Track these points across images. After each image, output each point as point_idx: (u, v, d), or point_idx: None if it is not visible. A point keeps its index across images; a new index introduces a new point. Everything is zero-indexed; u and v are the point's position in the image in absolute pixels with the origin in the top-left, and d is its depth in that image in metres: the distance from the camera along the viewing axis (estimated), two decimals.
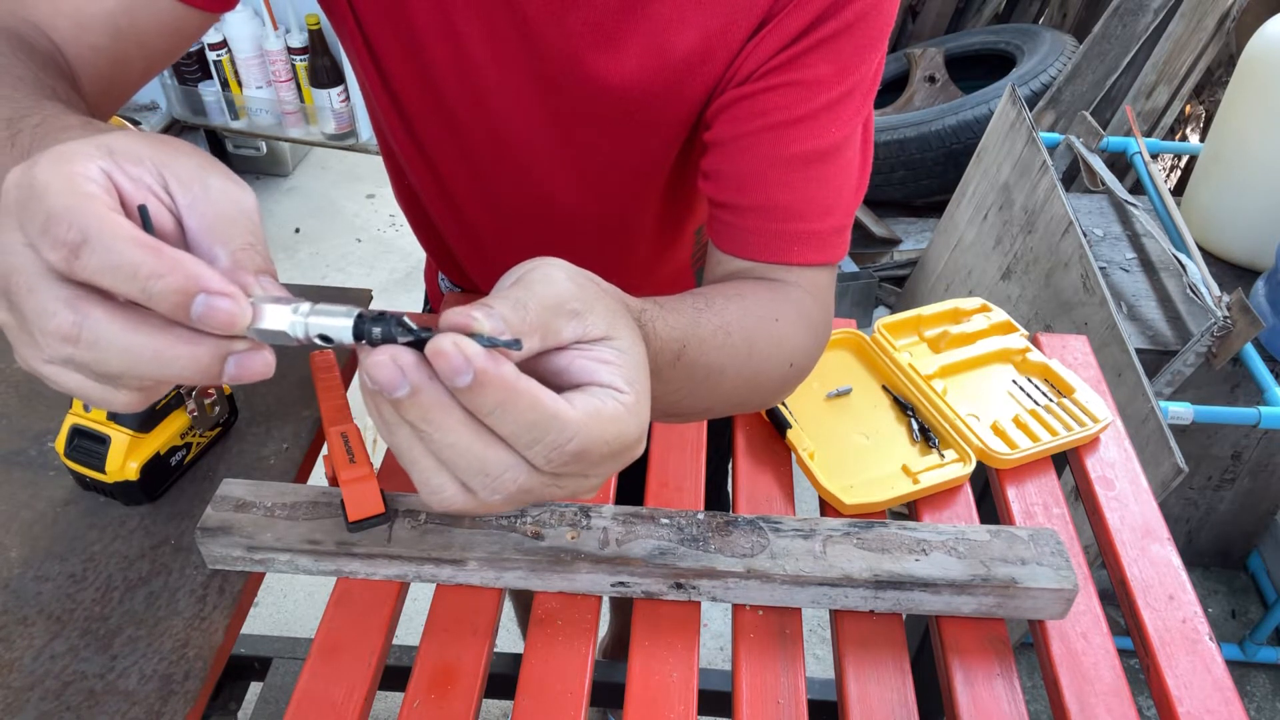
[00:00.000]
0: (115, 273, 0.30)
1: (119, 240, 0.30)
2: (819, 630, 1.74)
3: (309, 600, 1.78)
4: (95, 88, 0.56)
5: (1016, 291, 1.67)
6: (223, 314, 0.31)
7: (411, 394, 0.33)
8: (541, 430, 0.34)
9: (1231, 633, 1.75)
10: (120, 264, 0.30)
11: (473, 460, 0.35)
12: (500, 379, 0.33)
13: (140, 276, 0.30)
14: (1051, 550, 0.66)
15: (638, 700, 0.60)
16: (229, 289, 0.31)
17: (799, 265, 0.62)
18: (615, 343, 0.38)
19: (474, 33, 0.61)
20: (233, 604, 0.64)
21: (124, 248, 0.30)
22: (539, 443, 0.34)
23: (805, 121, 0.59)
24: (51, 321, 0.31)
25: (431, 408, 0.33)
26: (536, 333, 0.36)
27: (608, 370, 0.38)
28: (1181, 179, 2.41)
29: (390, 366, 0.32)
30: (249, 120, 2.40)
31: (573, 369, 0.38)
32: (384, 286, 2.59)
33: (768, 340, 0.57)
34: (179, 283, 0.30)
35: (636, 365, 0.39)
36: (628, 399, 0.37)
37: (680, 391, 0.52)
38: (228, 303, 0.31)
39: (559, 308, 0.37)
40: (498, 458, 0.35)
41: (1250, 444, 1.59)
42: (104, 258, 0.30)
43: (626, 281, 0.47)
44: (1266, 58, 1.53)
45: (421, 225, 0.86)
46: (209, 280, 0.31)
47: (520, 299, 0.36)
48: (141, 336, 0.31)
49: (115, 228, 0.30)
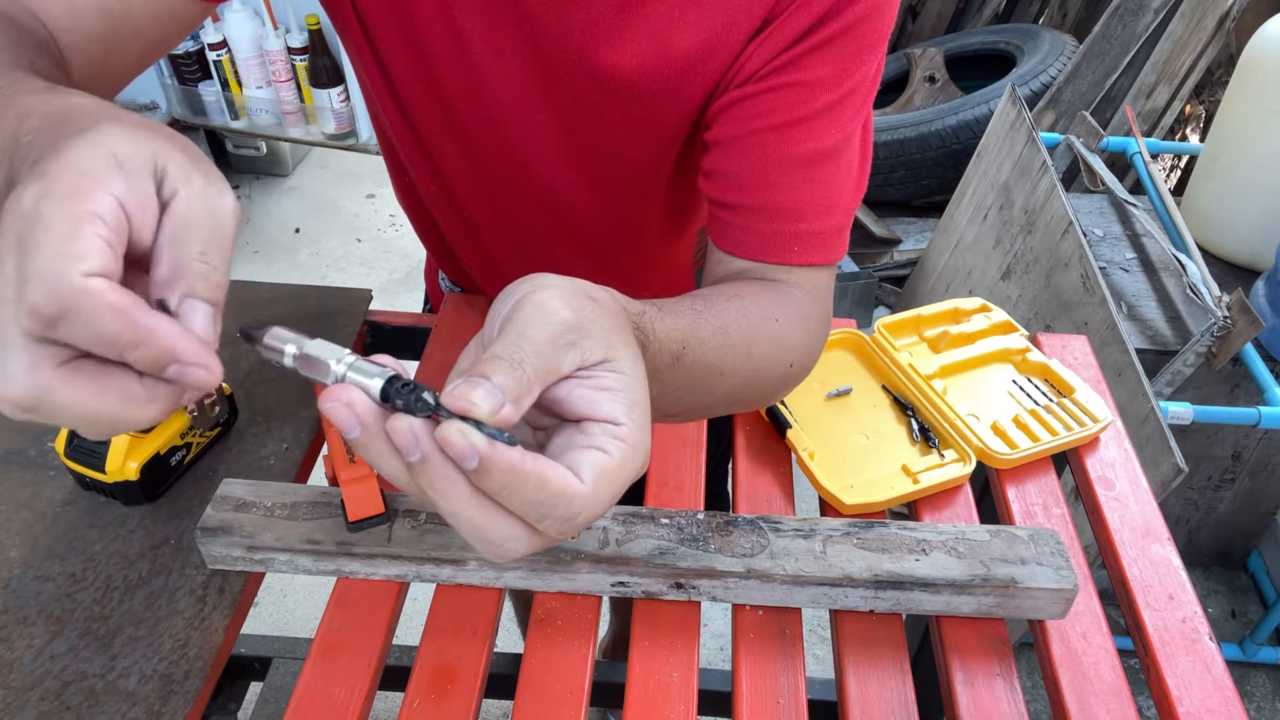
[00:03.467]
0: (93, 343, 0.31)
1: (97, 314, 0.30)
2: (819, 630, 1.74)
3: (309, 600, 1.78)
4: (88, 75, 0.55)
5: (1016, 291, 1.67)
6: (196, 379, 0.33)
7: (422, 462, 0.34)
8: (549, 508, 0.35)
9: (1231, 633, 1.75)
10: (98, 336, 0.31)
11: (475, 530, 0.36)
12: (506, 464, 0.34)
13: (118, 347, 0.31)
14: (1051, 550, 0.66)
15: (638, 700, 0.60)
16: (202, 358, 0.32)
17: (799, 265, 0.62)
18: (614, 364, 0.39)
19: (476, 30, 0.61)
20: (233, 604, 0.64)
21: (102, 322, 0.30)
22: (548, 518, 0.36)
23: (806, 122, 0.59)
24: (12, 388, 0.31)
25: (439, 479, 0.34)
26: (537, 384, 0.36)
27: (608, 400, 0.38)
28: (1181, 179, 2.41)
29: (407, 433, 0.34)
30: (249, 120, 2.40)
31: (572, 399, 0.38)
32: (384, 286, 2.59)
33: (767, 340, 0.57)
34: (153, 354, 0.32)
35: (636, 387, 0.39)
36: (628, 431, 0.37)
37: (680, 391, 0.52)
38: (201, 372, 0.33)
39: (556, 344, 0.37)
40: (502, 529, 0.36)
41: (1250, 444, 1.59)
42: (80, 331, 0.31)
43: (627, 280, 0.48)
44: (1266, 58, 1.53)
45: (423, 223, 0.86)
46: (182, 351, 0.32)
47: (515, 356, 0.36)
48: (100, 404, 0.32)
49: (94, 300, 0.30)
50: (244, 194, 2.90)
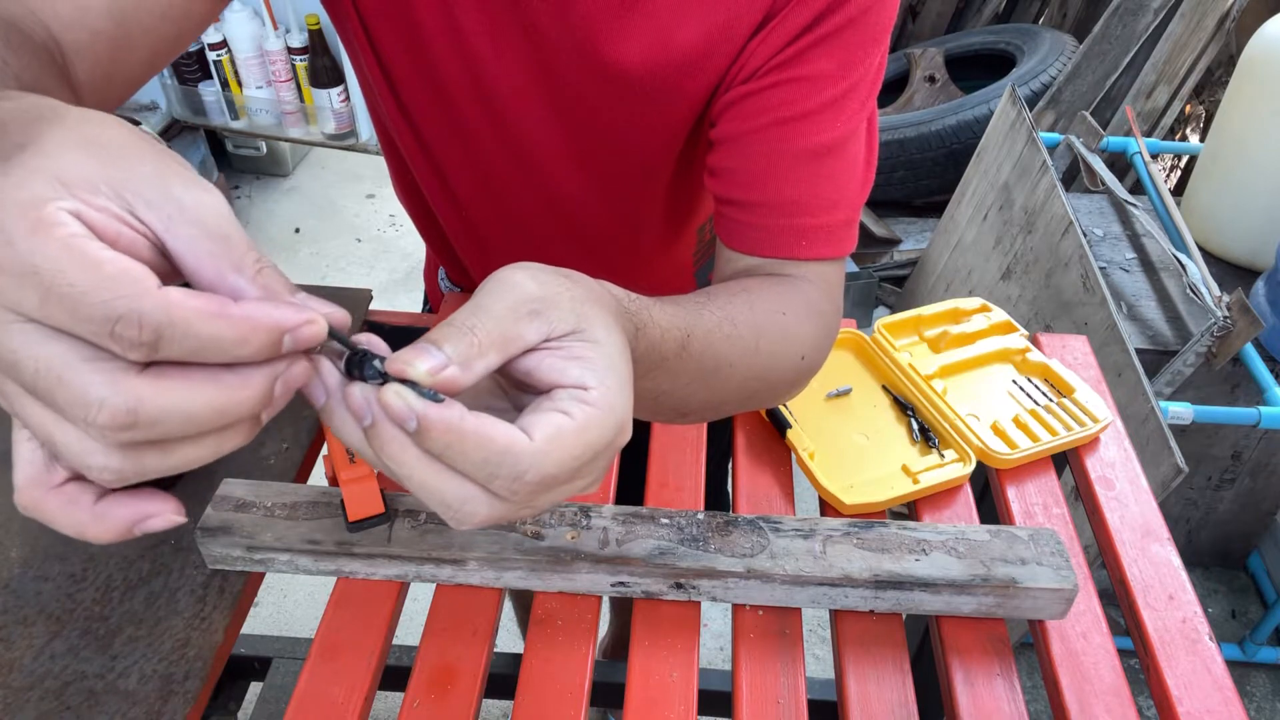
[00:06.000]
0: (197, 354, 0.29)
1: (196, 323, 0.29)
2: (819, 630, 1.74)
3: (309, 600, 1.78)
4: (95, 77, 0.54)
5: (1016, 291, 1.67)
6: (307, 336, 0.32)
7: (371, 426, 0.34)
8: (495, 465, 0.35)
9: (1231, 633, 1.75)
10: (202, 346, 0.29)
11: (431, 493, 0.36)
12: (444, 423, 0.34)
13: (226, 349, 0.30)
14: (1051, 550, 0.66)
15: (638, 700, 0.60)
16: (306, 314, 0.31)
17: (808, 260, 0.62)
18: (585, 334, 0.38)
19: (477, 27, 0.61)
20: (233, 604, 0.64)
21: (203, 328, 0.29)
22: (496, 477, 0.35)
23: (810, 117, 0.60)
24: (102, 413, 0.28)
25: (387, 441, 0.35)
26: (492, 349, 0.36)
27: (577, 367, 0.37)
28: (1181, 179, 2.41)
29: (359, 399, 0.34)
30: (249, 120, 2.40)
31: (541, 369, 0.38)
32: (384, 286, 2.59)
33: (775, 333, 0.57)
34: (264, 339, 0.30)
35: (609, 355, 0.38)
36: (595, 396, 0.37)
37: (692, 385, 0.52)
38: (312, 328, 0.32)
39: (515, 312, 0.37)
40: (456, 490, 0.36)
41: (1250, 444, 1.59)
42: (184, 345, 0.29)
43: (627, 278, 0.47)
44: (1266, 58, 1.53)
45: (424, 221, 0.86)
46: (288, 319, 0.31)
47: (468, 323, 0.36)
48: (197, 396, 0.30)
49: (185, 310, 0.28)
50: (244, 194, 2.90)
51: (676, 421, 0.58)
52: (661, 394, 0.50)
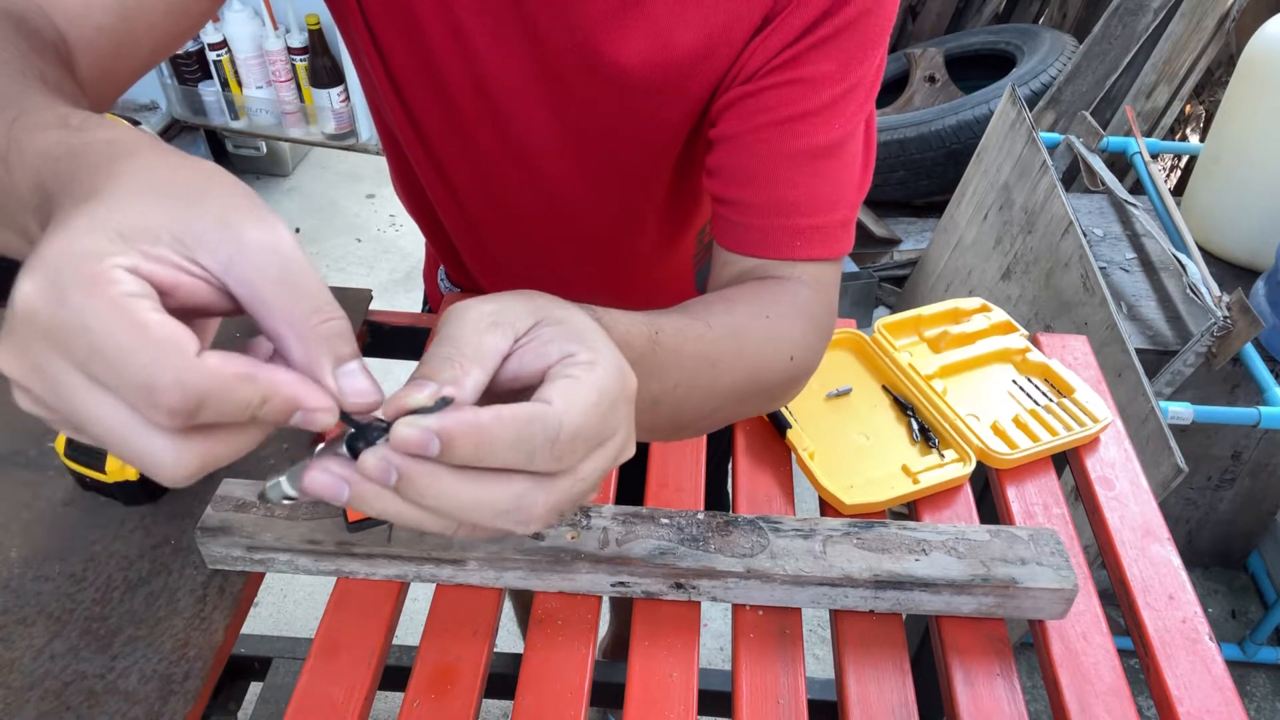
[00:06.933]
0: (227, 416, 0.31)
1: (233, 385, 0.30)
2: (819, 630, 1.74)
3: (309, 600, 1.78)
4: (96, 72, 0.54)
5: (1016, 291, 1.67)
6: (319, 424, 0.33)
7: (401, 477, 0.34)
8: (529, 438, 0.34)
9: (1231, 633, 1.75)
10: (232, 409, 0.31)
11: (484, 508, 0.35)
12: (465, 424, 0.34)
13: (250, 410, 0.31)
14: (1051, 550, 0.66)
15: (638, 700, 0.60)
16: (323, 403, 0.33)
17: (804, 260, 0.62)
18: (546, 320, 0.39)
19: (478, 27, 0.61)
20: (233, 604, 0.64)
21: (238, 391, 0.31)
22: (535, 451, 0.35)
23: (809, 117, 0.60)
24: (169, 472, 0.32)
25: (420, 479, 0.34)
26: (474, 365, 0.36)
27: (555, 345, 0.38)
28: (1181, 179, 2.41)
29: (376, 463, 0.34)
30: (249, 120, 2.40)
31: (525, 366, 0.38)
32: (384, 286, 2.59)
33: (759, 334, 0.57)
34: (280, 406, 0.32)
35: (578, 326, 0.39)
36: (584, 355, 0.37)
37: (680, 388, 0.52)
38: (324, 416, 0.33)
39: (477, 329, 0.37)
40: (506, 491, 0.35)
41: (1250, 444, 1.59)
42: (223, 407, 0.31)
43: (626, 280, 0.47)
44: (1266, 58, 1.53)
45: (425, 219, 0.86)
46: (306, 398, 0.32)
47: (442, 353, 0.36)
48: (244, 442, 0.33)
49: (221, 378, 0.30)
50: None
51: (675, 437, 0.58)
52: (654, 398, 0.50)
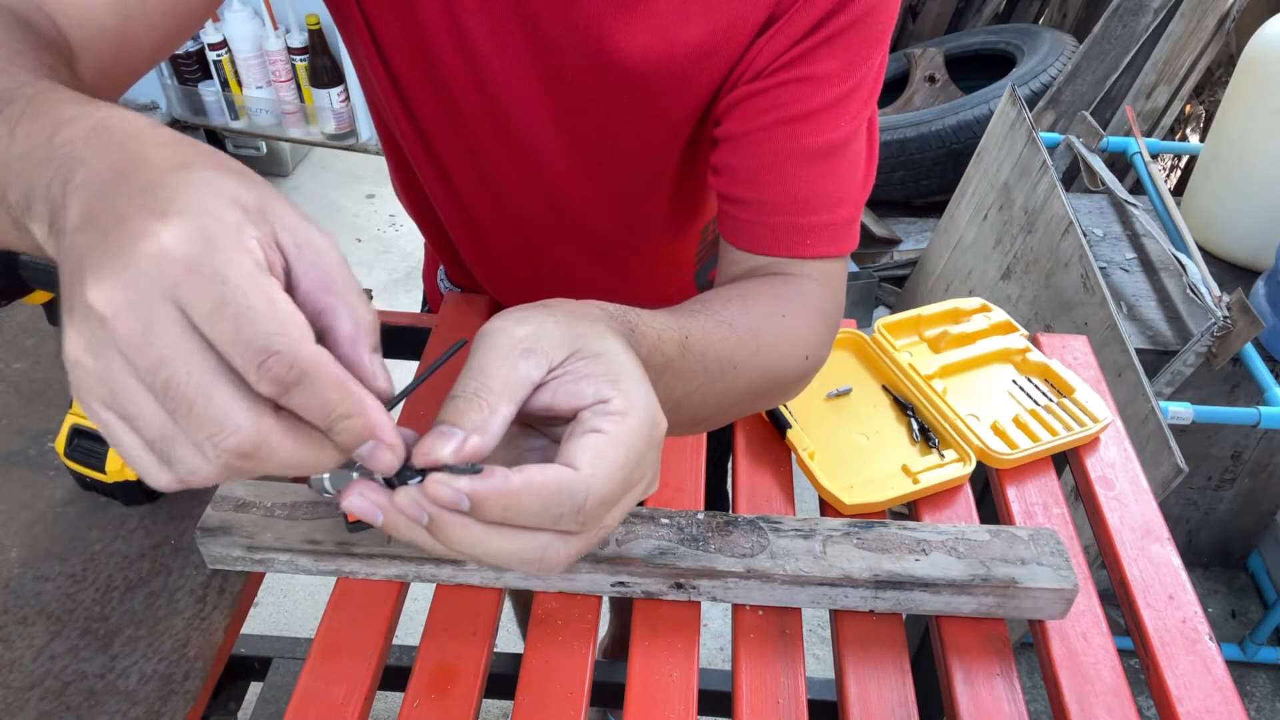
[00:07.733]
0: (312, 409, 0.31)
1: (329, 383, 0.31)
2: (819, 630, 1.74)
3: (309, 600, 1.78)
4: (97, 72, 0.54)
5: (1016, 291, 1.67)
6: (382, 463, 0.34)
7: (432, 522, 0.35)
8: (556, 507, 0.36)
9: (1231, 633, 1.75)
10: (322, 404, 0.31)
11: (509, 556, 0.37)
12: (492, 490, 0.35)
13: (333, 414, 0.32)
14: (1051, 550, 0.66)
15: (638, 700, 0.60)
16: (395, 441, 0.34)
17: (811, 258, 0.63)
18: (582, 352, 0.39)
19: (479, 26, 0.61)
20: (233, 604, 0.64)
21: (331, 390, 0.31)
22: (561, 516, 0.36)
23: (815, 115, 0.60)
24: (232, 438, 0.30)
25: (450, 528, 0.36)
26: (501, 402, 0.37)
27: (590, 385, 0.38)
28: (1181, 179, 2.41)
29: (411, 504, 0.35)
30: (249, 120, 2.40)
31: (558, 400, 0.38)
32: (384, 286, 2.58)
33: (776, 334, 0.58)
34: (361, 426, 0.32)
35: (614, 361, 0.39)
36: (618, 404, 0.38)
37: (703, 389, 0.52)
38: (389, 455, 0.34)
39: (509, 358, 0.38)
40: (530, 544, 0.37)
41: (1250, 444, 1.59)
42: (311, 398, 0.31)
43: (629, 278, 0.47)
44: (1266, 58, 1.53)
45: (426, 220, 0.86)
46: (383, 431, 0.33)
47: (469, 389, 0.37)
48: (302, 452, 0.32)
49: (325, 372, 0.31)
50: None
51: (691, 432, 0.58)
52: (676, 401, 0.51)
